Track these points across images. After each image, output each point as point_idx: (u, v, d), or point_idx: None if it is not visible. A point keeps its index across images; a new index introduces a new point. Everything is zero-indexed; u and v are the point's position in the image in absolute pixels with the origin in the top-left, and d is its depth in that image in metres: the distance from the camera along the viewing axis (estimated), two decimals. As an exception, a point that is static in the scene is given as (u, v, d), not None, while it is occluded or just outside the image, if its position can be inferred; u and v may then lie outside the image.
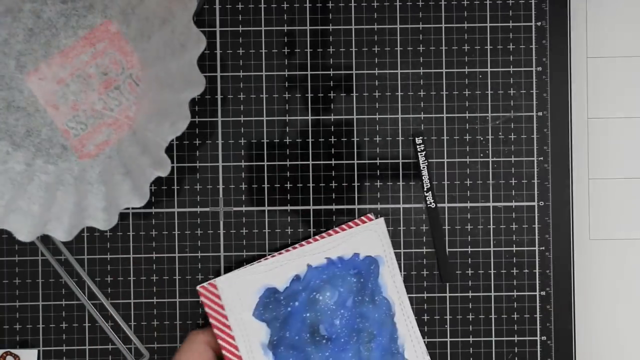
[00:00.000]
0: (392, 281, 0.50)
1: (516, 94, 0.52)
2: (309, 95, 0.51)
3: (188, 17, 0.44)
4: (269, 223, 0.52)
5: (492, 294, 0.52)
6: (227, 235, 0.52)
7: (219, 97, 0.52)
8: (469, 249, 0.52)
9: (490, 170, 0.51)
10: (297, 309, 0.49)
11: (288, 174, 0.52)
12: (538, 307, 0.52)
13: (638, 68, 0.53)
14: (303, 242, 0.50)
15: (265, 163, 0.52)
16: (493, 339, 0.52)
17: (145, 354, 0.51)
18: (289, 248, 0.50)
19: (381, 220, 0.51)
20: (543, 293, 0.52)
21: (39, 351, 0.51)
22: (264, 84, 0.51)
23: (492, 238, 0.52)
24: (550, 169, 0.52)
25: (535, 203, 0.52)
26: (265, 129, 0.52)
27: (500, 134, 0.52)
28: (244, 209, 0.52)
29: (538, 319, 0.52)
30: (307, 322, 0.49)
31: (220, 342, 0.48)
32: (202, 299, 0.48)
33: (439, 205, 0.52)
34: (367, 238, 0.50)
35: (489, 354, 0.52)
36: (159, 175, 0.44)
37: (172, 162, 0.52)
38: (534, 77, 0.52)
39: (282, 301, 0.49)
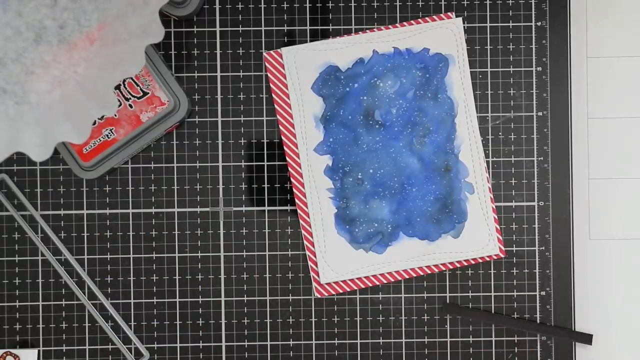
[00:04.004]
0: (460, 82, 0.50)
1: (516, 94, 0.52)
2: (309, 95, 0.52)
3: None
4: (269, 223, 0.52)
5: (492, 294, 0.52)
6: (227, 235, 0.52)
7: (219, 97, 0.52)
8: (469, 249, 0.52)
9: (491, 170, 0.51)
10: (356, 90, 0.50)
11: (288, 174, 0.52)
12: (538, 307, 0.52)
13: (638, 68, 0.53)
14: (374, 28, 0.50)
15: (265, 163, 0.52)
16: (493, 339, 0.52)
17: (145, 354, 0.51)
18: (358, 32, 0.50)
19: (459, 20, 0.51)
20: (543, 293, 0.52)
21: (39, 351, 0.51)
22: (263, 84, 0.51)
23: (492, 238, 0.52)
24: (550, 169, 0.52)
25: (535, 203, 0.52)
26: (265, 129, 0.52)
27: (500, 134, 0.52)
28: (244, 209, 0.52)
29: (538, 319, 0.52)
30: (363, 105, 0.50)
31: (277, 116, 0.50)
32: (266, 64, 0.50)
33: (439, 205, 0.52)
34: (441, 35, 0.50)
35: (489, 354, 0.52)
36: (105, 115, 0.43)
37: (172, 162, 0.52)
38: (534, 77, 0.52)
39: (342, 80, 0.50)
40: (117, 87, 0.50)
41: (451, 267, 0.51)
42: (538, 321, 0.52)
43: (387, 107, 0.50)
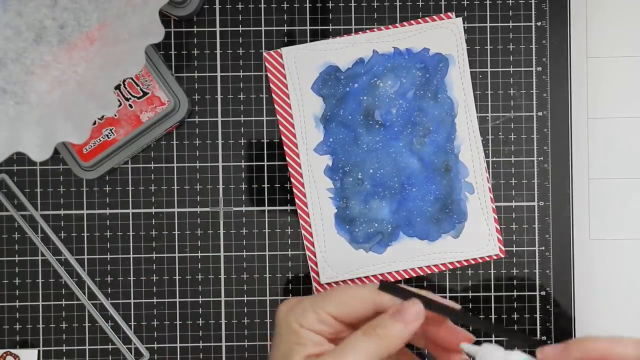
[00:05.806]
0: (460, 82, 0.50)
1: (516, 94, 0.52)
2: (309, 95, 0.51)
3: None
4: (269, 223, 0.52)
5: (492, 294, 0.52)
6: (227, 235, 0.52)
7: (219, 97, 0.52)
8: (469, 249, 0.52)
9: (491, 170, 0.51)
10: (356, 90, 0.50)
11: (288, 174, 0.52)
12: (538, 307, 0.52)
13: (638, 68, 0.53)
14: (374, 28, 0.50)
15: (265, 163, 0.52)
16: (493, 339, 0.52)
17: (145, 354, 0.51)
18: (358, 32, 0.50)
19: (459, 20, 0.51)
20: (543, 293, 0.52)
21: (39, 351, 0.51)
22: (263, 84, 0.51)
23: (492, 238, 0.52)
24: (550, 169, 0.52)
25: (535, 203, 0.52)
26: (265, 129, 0.52)
27: (500, 134, 0.52)
28: (244, 209, 0.52)
29: (538, 319, 0.52)
30: (363, 105, 0.50)
31: (277, 116, 0.50)
32: (266, 64, 0.50)
33: (439, 205, 0.52)
34: (441, 35, 0.50)
35: (489, 354, 0.51)
36: (105, 115, 0.42)
37: (172, 162, 0.52)
38: (534, 77, 0.52)
39: (342, 80, 0.50)
40: (117, 87, 0.50)
41: (451, 267, 0.51)
42: (538, 321, 0.52)
43: (387, 107, 0.50)
